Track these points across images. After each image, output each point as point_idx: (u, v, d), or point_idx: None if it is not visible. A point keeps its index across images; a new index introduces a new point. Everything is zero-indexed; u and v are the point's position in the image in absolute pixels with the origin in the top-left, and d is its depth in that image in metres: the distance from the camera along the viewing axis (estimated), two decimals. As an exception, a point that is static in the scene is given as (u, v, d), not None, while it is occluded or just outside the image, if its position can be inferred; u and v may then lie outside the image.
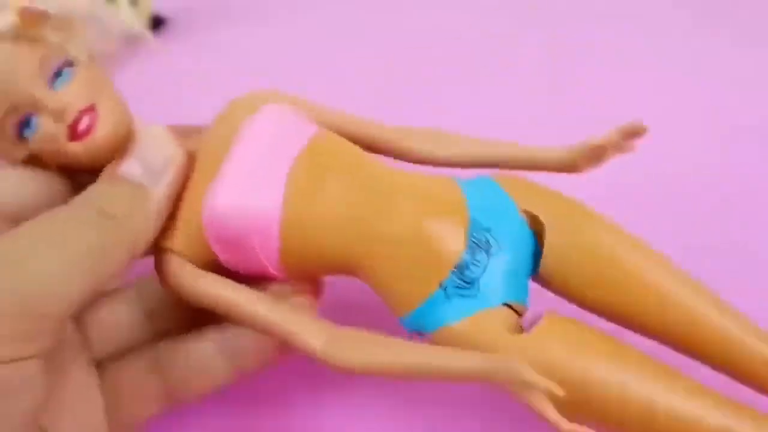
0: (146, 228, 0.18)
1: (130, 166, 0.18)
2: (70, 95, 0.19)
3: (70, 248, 0.16)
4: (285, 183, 0.19)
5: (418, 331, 0.19)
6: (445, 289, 0.18)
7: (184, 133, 0.21)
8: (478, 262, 0.18)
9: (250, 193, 0.18)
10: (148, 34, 0.48)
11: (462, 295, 0.18)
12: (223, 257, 0.19)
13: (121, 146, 0.20)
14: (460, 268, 0.18)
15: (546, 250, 0.19)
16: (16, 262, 0.15)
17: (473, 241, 0.18)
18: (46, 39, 0.19)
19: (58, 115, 0.18)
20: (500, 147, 0.22)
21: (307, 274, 0.20)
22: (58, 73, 0.19)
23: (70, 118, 0.19)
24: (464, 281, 0.18)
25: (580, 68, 0.44)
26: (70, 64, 0.19)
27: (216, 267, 0.20)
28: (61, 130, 0.19)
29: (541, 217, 0.19)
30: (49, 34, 0.19)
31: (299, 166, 0.19)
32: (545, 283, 0.20)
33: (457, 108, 0.41)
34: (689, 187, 0.32)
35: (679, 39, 0.47)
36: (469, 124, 0.39)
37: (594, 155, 0.20)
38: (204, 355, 0.20)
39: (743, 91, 0.40)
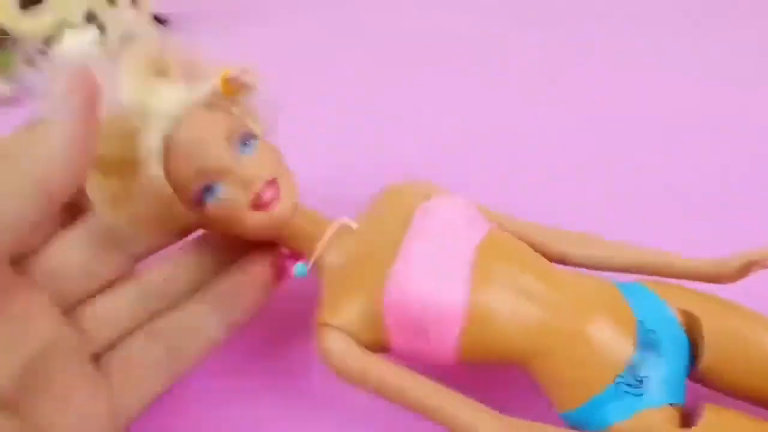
0: (50, 159, 0.16)
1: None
2: (257, 165, 0.19)
3: None
4: (470, 272, 0.19)
5: (580, 427, 0.19)
6: (615, 387, 0.18)
7: None
8: (648, 361, 0.19)
9: (439, 281, 0.19)
10: (152, 30, 0.48)
11: (630, 393, 0.18)
12: (396, 340, 0.20)
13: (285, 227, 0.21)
14: (631, 367, 0.18)
15: (704, 348, 0.19)
16: None
17: (642, 342, 0.19)
18: (234, 110, 0.20)
19: (246, 183, 0.19)
20: (648, 255, 0.22)
21: (477, 362, 0.20)
22: (244, 143, 0.20)
23: (257, 186, 0.19)
24: (635, 380, 0.18)
25: (579, 68, 0.44)
26: (254, 136, 0.20)
27: (378, 349, 0.20)
28: (245, 198, 0.19)
29: (697, 314, 0.20)
30: (236, 107, 0.20)
31: (481, 257, 0.20)
32: (701, 380, 0.20)
33: (457, 108, 0.41)
34: (691, 186, 0.32)
35: (679, 39, 0.47)
36: (468, 123, 0.39)
37: (743, 272, 0.21)
38: (197, 315, 0.21)
39: (743, 91, 0.40)
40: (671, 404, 0.18)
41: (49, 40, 0.47)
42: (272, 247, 0.23)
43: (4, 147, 0.15)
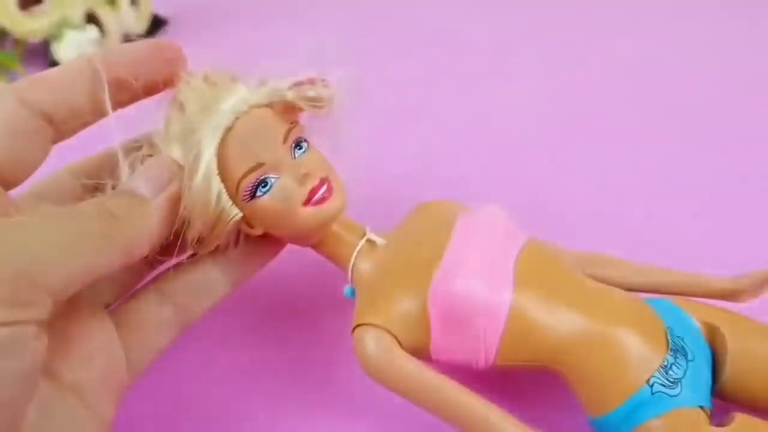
0: (144, 232, 0.19)
1: (135, 181, 0.19)
2: (311, 164, 0.20)
3: (70, 231, 0.17)
4: (513, 275, 0.20)
5: (615, 430, 0.19)
6: (651, 387, 0.19)
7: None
8: (680, 364, 0.19)
9: (487, 280, 0.19)
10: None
11: (665, 394, 0.19)
12: (437, 340, 0.20)
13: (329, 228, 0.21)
14: (666, 368, 0.19)
15: (727, 357, 0.20)
16: (18, 234, 0.16)
17: (674, 346, 0.19)
18: (290, 115, 0.21)
19: (302, 179, 0.20)
20: (671, 275, 0.23)
21: (513, 363, 0.20)
22: (298, 146, 0.20)
23: (313, 182, 0.20)
24: (669, 380, 0.19)
25: (580, 71, 0.44)
26: (305, 140, 0.21)
27: (415, 353, 0.20)
28: (300, 193, 0.20)
29: (718, 325, 0.20)
30: (293, 113, 0.21)
31: (522, 262, 0.20)
32: (724, 392, 0.20)
33: (457, 109, 0.41)
34: (695, 184, 0.32)
35: (684, 42, 0.47)
36: (468, 125, 0.39)
37: (761, 287, 0.22)
38: (207, 277, 0.22)
39: (743, 96, 0.40)
40: (701, 407, 0.19)
41: (49, 40, 0.47)
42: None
43: (116, 209, 0.18)
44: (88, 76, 0.19)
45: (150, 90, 0.21)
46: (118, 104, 0.20)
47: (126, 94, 0.20)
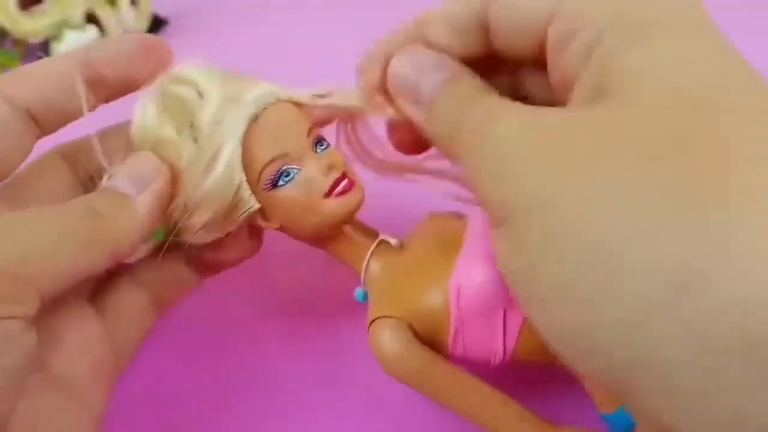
0: (130, 230, 0.19)
1: (118, 179, 0.19)
2: (334, 157, 0.21)
3: (57, 230, 0.17)
4: None
5: (624, 426, 0.19)
6: None
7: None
8: None
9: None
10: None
11: None
12: (458, 330, 0.20)
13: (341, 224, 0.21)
14: None
15: None
16: (6, 231, 0.16)
17: None
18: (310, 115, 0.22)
19: (327, 170, 0.20)
20: None
21: (531, 356, 0.20)
22: (320, 143, 0.21)
23: (337, 173, 0.20)
24: None
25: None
26: (325, 139, 0.21)
27: (432, 346, 0.20)
28: (323, 183, 0.20)
29: None
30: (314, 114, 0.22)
31: None
32: None
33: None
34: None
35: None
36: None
37: None
38: (178, 265, 0.22)
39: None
40: None
41: (49, 40, 0.47)
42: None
43: (100, 207, 0.18)
44: (74, 72, 0.19)
45: (134, 85, 0.21)
46: (102, 99, 0.20)
47: (110, 89, 0.20)
